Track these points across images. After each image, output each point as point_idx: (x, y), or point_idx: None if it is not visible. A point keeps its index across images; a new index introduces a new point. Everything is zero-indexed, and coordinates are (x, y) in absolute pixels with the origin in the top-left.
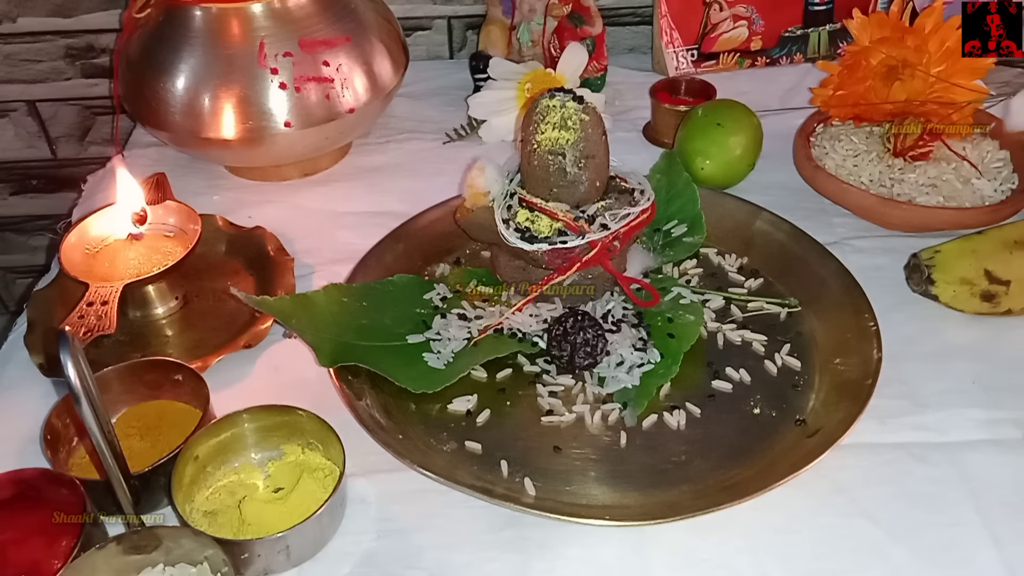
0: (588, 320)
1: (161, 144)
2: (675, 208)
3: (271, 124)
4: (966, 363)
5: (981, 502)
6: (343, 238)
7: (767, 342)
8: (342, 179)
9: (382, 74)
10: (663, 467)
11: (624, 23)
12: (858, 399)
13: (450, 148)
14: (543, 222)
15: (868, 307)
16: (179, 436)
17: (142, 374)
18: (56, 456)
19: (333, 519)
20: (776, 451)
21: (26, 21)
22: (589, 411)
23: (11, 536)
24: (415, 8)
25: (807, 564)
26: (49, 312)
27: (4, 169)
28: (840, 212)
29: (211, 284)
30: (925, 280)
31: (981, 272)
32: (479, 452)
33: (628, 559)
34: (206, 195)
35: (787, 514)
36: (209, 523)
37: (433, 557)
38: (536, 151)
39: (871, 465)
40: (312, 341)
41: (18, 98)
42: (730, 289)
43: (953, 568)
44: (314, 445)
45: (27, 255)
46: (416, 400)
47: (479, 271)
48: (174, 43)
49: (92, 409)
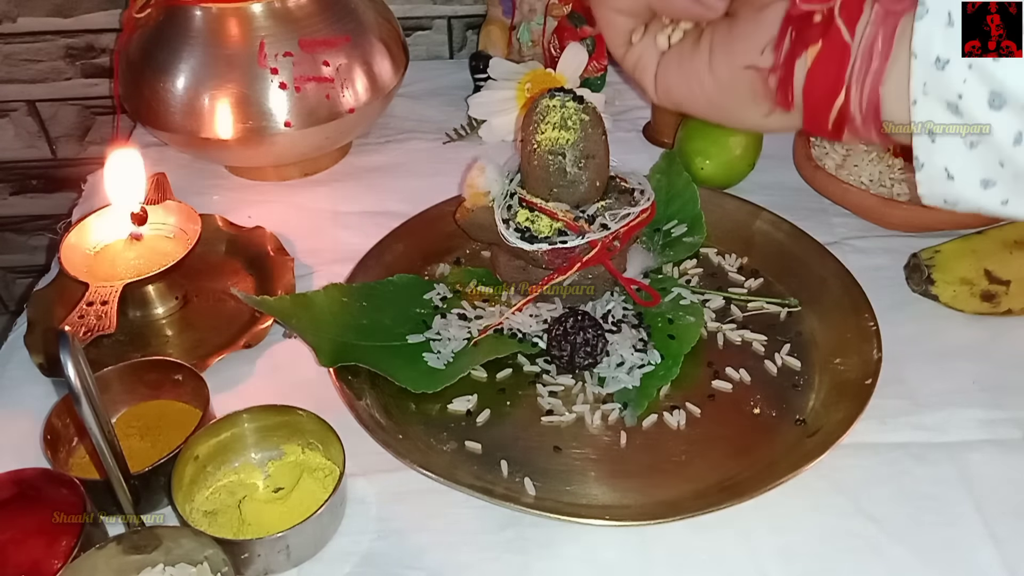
0: (588, 320)
1: (161, 144)
2: (675, 208)
3: (271, 124)
4: (966, 363)
5: (981, 502)
6: (343, 238)
7: (767, 342)
8: (342, 179)
9: (382, 74)
10: (663, 467)
11: None
12: (858, 399)
13: (450, 148)
14: (543, 222)
15: (868, 307)
16: (179, 436)
17: (142, 374)
18: (56, 456)
19: (333, 519)
20: (776, 451)
21: (26, 21)
22: (589, 411)
23: (11, 536)
24: (415, 8)
25: (807, 564)
26: (49, 312)
27: (4, 169)
28: (840, 212)
29: (211, 284)
30: (925, 280)
31: (981, 272)
32: (479, 452)
33: (628, 559)
34: (206, 195)
35: (787, 514)
36: (209, 523)
37: (433, 557)
38: (536, 151)
39: (871, 465)
40: (312, 341)
41: (18, 98)
42: (730, 289)
43: (953, 568)
44: (314, 445)
45: (27, 255)
46: (416, 400)
47: (479, 271)
48: (174, 43)
49: (92, 409)
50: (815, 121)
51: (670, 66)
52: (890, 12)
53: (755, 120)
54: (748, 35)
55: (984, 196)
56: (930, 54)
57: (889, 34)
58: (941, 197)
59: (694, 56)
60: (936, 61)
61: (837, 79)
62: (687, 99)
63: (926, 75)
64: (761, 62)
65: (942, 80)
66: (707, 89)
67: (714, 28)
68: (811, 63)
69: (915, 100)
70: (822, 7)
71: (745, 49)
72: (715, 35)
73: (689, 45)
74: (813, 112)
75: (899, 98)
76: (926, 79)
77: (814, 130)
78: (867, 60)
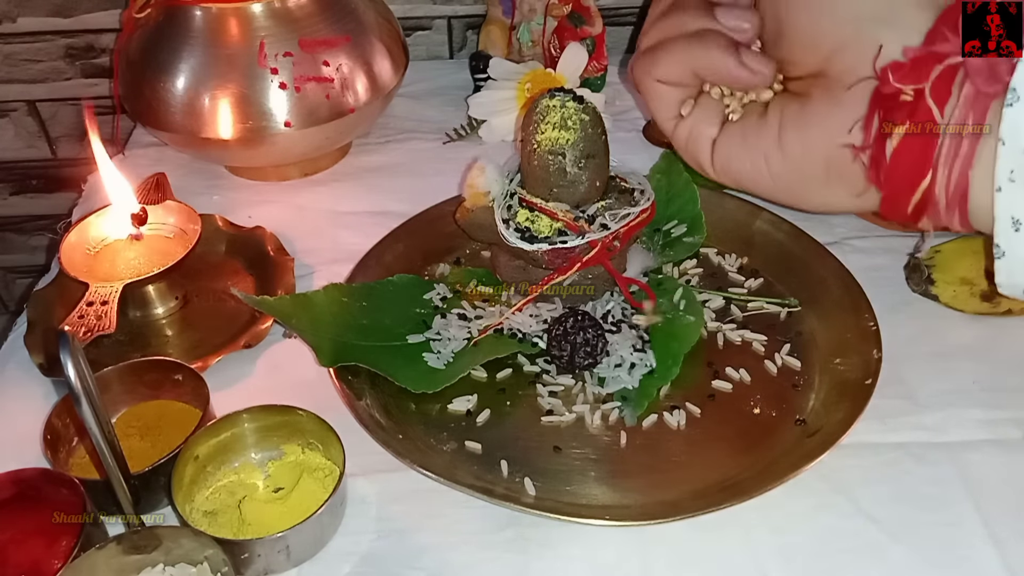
0: (588, 320)
1: (161, 144)
2: (675, 208)
3: (271, 124)
4: (966, 363)
5: (981, 502)
6: (343, 238)
7: (767, 342)
8: (342, 179)
9: (382, 74)
10: (663, 467)
11: (624, 23)
12: (858, 399)
13: (450, 148)
14: (543, 222)
15: (868, 307)
16: (179, 436)
17: (142, 374)
18: (56, 456)
19: (333, 519)
20: (776, 451)
21: (26, 21)
22: (589, 411)
23: (11, 536)
24: (415, 8)
25: (807, 564)
26: (49, 312)
27: (4, 169)
28: None
29: (211, 284)
30: (925, 280)
31: (981, 272)
32: (479, 452)
33: (628, 559)
34: (206, 195)
35: (787, 514)
36: (209, 523)
37: (433, 557)
38: (536, 151)
39: (871, 465)
40: (312, 341)
41: (18, 98)
42: (730, 289)
43: (953, 568)
44: (314, 445)
45: (27, 255)
46: (416, 400)
47: (479, 271)
48: (174, 43)
49: (92, 409)
50: (895, 203)
51: (731, 141)
52: (981, 93)
53: (824, 200)
54: (827, 114)
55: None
56: (1019, 142)
57: (980, 117)
58: (1021, 288)
59: (760, 133)
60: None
61: (924, 161)
62: (750, 176)
63: (1014, 162)
64: (850, 139)
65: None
66: (774, 167)
67: (784, 104)
68: (897, 144)
69: (1000, 187)
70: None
71: (823, 128)
72: (785, 112)
73: (754, 121)
74: (895, 194)
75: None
76: (1014, 166)
77: (891, 213)
78: (956, 143)
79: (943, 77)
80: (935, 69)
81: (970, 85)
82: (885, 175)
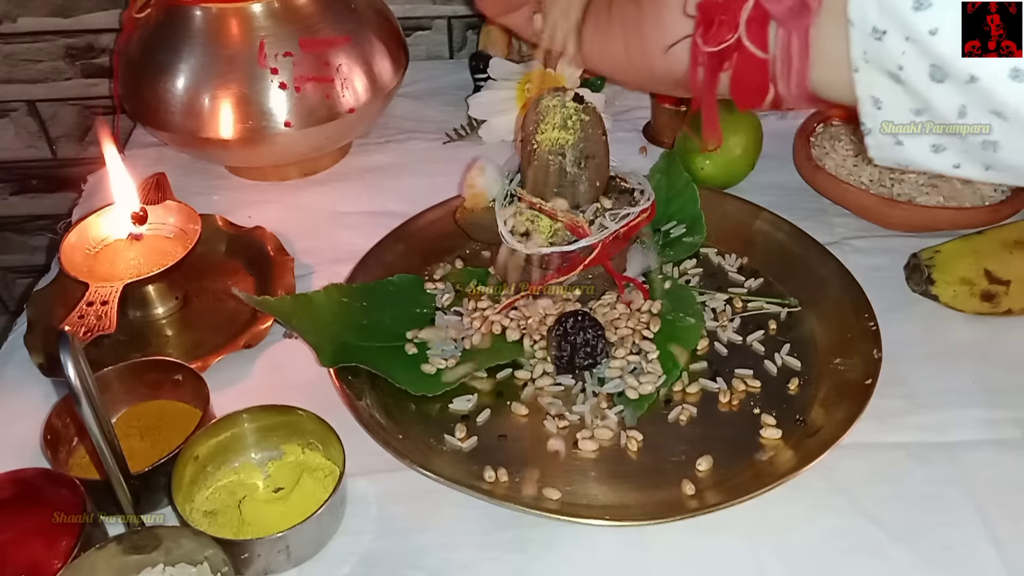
0: (588, 320)
1: (161, 144)
2: (675, 208)
3: (271, 124)
4: (966, 363)
5: (981, 502)
6: (343, 238)
7: (767, 342)
8: (342, 179)
9: (382, 74)
10: (663, 467)
11: None
12: (858, 399)
13: (450, 148)
14: (543, 222)
15: (868, 307)
16: (179, 436)
17: (142, 374)
18: (56, 456)
19: (333, 519)
20: (776, 451)
21: (26, 21)
22: (589, 411)
23: (11, 536)
24: (415, 8)
25: (807, 564)
26: (49, 312)
27: (4, 169)
28: (840, 212)
29: (211, 284)
30: (925, 280)
31: (981, 272)
32: (479, 452)
33: (628, 559)
34: (206, 195)
35: (787, 514)
36: (209, 523)
37: (433, 557)
38: (536, 151)
39: (871, 465)
40: (312, 341)
41: (18, 98)
42: (730, 289)
43: (953, 568)
44: (314, 445)
45: (27, 255)
46: (416, 400)
47: (479, 271)
48: (174, 43)
49: (92, 409)
50: (746, 107)
51: (588, 36)
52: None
53: (674, 89)
54: (656, 23)
55: (936, 160)
56: (867, 23)
57: (803, 35)
58: (893, 160)
59: (610, 30)
60: (873, 31)
61: (762, 84)
62: (609, 70)
63: (865, 44)
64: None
65: (882, 50)
66: (620, 62)
67: (623, 8)
68: (731, 79)
69: (856, 68)
70: (726, 41)
71: (656, 40)
72: (625, 14)
73: (604, 14)
74: (744, 105)
75: (835, 64)
76: (865, 48)
77: (745, 109)
78: (787, 62)
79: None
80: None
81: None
82: (731, 94)
